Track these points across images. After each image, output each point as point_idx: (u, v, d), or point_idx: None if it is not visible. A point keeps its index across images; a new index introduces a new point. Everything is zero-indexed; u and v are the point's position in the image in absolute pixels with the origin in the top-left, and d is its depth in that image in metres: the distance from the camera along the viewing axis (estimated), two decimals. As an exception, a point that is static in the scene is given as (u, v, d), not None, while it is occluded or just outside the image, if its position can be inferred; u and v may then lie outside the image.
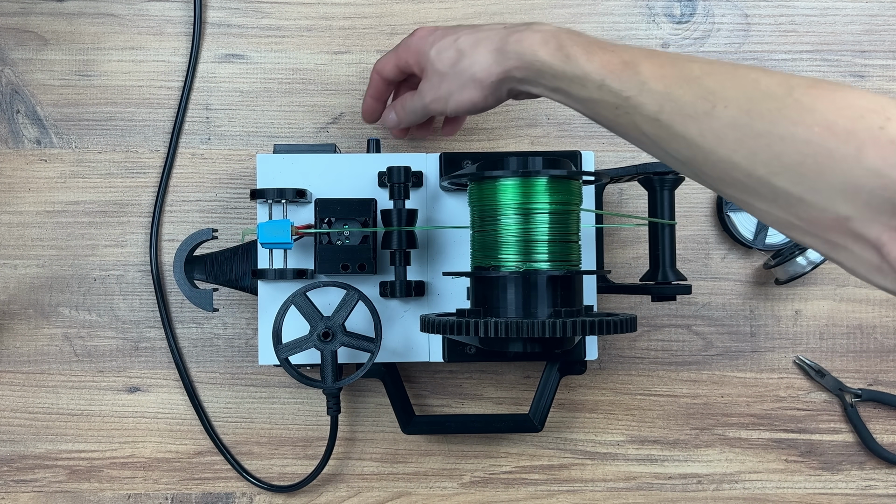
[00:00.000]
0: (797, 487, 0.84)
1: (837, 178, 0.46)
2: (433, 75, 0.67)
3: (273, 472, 0.84)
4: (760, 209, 0.51)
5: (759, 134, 0.49)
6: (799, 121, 0.47)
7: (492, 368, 0.84)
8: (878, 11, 0.86)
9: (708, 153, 0.51)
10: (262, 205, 0.75)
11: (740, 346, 0.85)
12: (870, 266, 0.48)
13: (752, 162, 0.49)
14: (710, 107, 0.51)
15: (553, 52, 0.59)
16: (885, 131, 0.45)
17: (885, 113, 0.46)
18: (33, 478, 0.83)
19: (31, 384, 0.84)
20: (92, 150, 0.84)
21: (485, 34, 0.64)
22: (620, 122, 0.57)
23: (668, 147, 0.54)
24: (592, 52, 0.57)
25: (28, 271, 0.84)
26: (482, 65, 0.63)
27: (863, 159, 0.45)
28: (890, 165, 0.45)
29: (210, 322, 0.84)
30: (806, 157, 0.47)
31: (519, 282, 0.65)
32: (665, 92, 0.53)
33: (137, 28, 0.85)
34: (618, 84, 0.55)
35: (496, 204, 0.66)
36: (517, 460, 0.84)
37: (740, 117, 0.50)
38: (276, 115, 0.85)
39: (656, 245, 0.74)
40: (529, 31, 0.61)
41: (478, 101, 0.65)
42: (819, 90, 0.48)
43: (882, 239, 0.47)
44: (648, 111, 0.54)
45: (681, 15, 0.86)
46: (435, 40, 0.67)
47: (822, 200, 0.47)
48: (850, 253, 0.49)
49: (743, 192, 0.51)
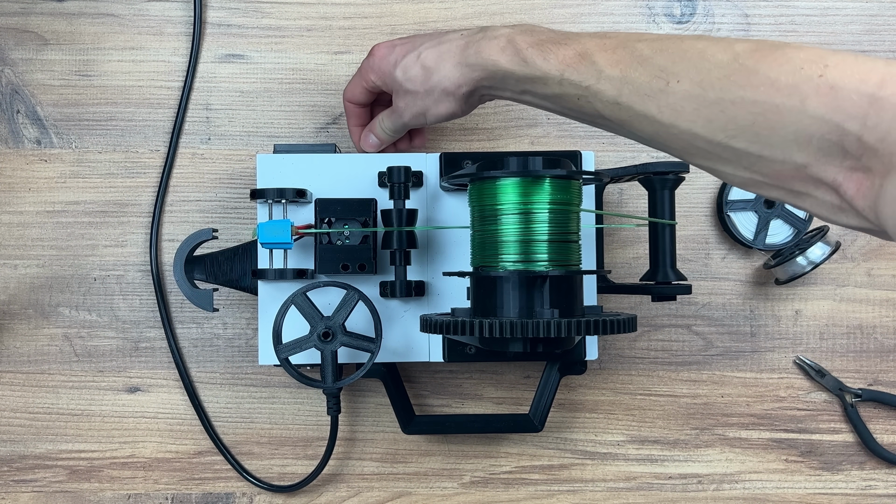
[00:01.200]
0: (797, 487, 0.84)
1: (788, 131, 0.49)
2: (405, 95, 0.69)
3: (273, 472, 0.84)
4: (726, 172, 0.54)
5: (712, 102, 0.51)
6: (746, 83, 0.50)
7: (492, 368, 0.84)
8: (878, 11, 0.86)
9: (669, 127, 0.54)
10: (262, 205, 0.75)
11: (740, 346, 0.85)
12: (832, 207, 0.51)
13: (710, 129, 0.52)
14: (665, 84, 0.53)
15: (511, 58, 0.62)
16: (825, 78, 0.47)
17: (823, 61, 0.48)
18: (33, 478, 0.83)
19: (31, 384, 0.84)
20: (92, 150, 0.84)
21: (445, 47, 0.66)
22: (585, 111, 0.59)
23: (631, 127, 0.57)
24: (547, 51, 0.60)
25: (28, 271, 0.84)
26: (451, 79, 0.66)
27: (807, 108, 0.48)
28: (832, 110, 0.47)
29: (210, 322, 0.84)
30: (757, 117, 0.49)
31: (519, 282, 0.65)
32: (621, 76, 0.56)
33: (137, 28, 0.85)
34: (576, 76, 0.58)
35: (496, 204, 0.66)
36: (517, 460, 0.84)
37: (693, 89, 0.52)
38: (276, 115, 0.85)
39: (656, 245, 0.74)
40: (486, 40, 0.64)
41: (455, 110, 0.68)
42: (761, 52, 0.50)
43: (838, 180, 0.49)
44: (608, 96, 0.56)
45: (681, 15, 0.86)
46: (397, 59, 0.69)
47: (778, 154, 0.50)
48: (813, 199, 0.51)
49: (707, 158, 0.54)
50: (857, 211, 0.49)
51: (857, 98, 0.46)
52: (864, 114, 0.46)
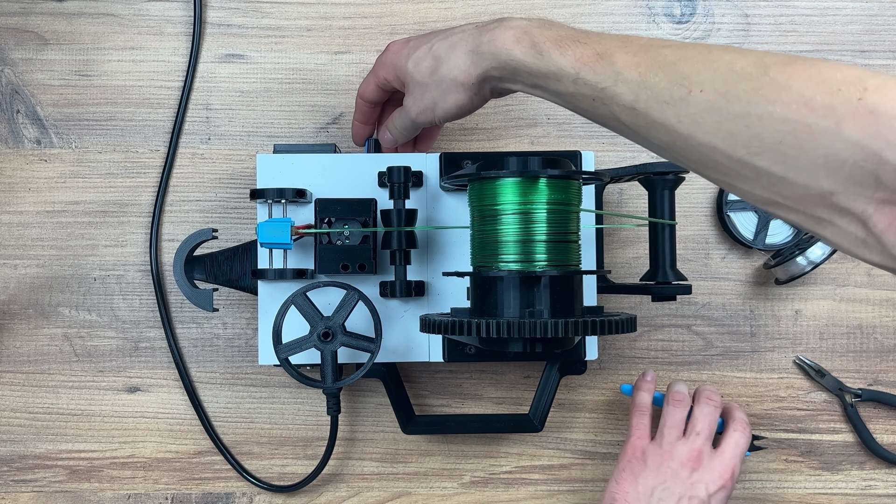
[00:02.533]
0: (797, 487, 0.84)
1: (819, 154, 0.46)
2: (415, 87, 0.67)
3: (273, 472, 0.84)
4: (743, 190, 0.51)
5: (737, 116, 0.48)
6: (776, 99, 0.47)
7: (492, 368, 0.84)
8: (878, 11, 0.86)
9: (687, 138, 0.51)
10: (262, 205, 0.75)
11: (740, 346, 0.85)
12: (855, 240, 0.48)
13: (732, 144, 0.49)
14: (686, 92, 0.51)
15: (526, 49, 0.59)
16: (864, 102, 0.44)
17: (862, 84, 0.45)
18: (33, 478, 0.83)
19: (31, 384, 0.84)
20: (92, 150, 0.84)
21: (458, 37, 0.64)
22: (599, 113, 0.57)
23: (647, 134, 0.54)
24: (565, 46, 0.57)
25: (28, 271, 0.84)
26: (461, 68, 0.63)
27: (843, 132, 0.45)
28: (870, 136, 0.44)
29: (210, 322, 0.84)
30: (785, 136, 0.47)
31: (519, 282, 0.65)
32: (640, 80, 0.53)
33: (137, 28, 0.85)
34: (593, 76, 0.55)
35: (496, 204, 0.66)
36: (517, 460, 0.84)
37: (717, 100, 0.49)
38: (276, 115, 0.85)
39: (656, 245, 0.74)
40: (501, 29, 0.61)
41: (464, 103, 0.66)
42: (794, 67, 0.48)
43: (868, 212, 0.46)
44: (625, 100, 0.54)
45: (681, 15, 0.86)
46: (410, 52, 0.67)
47: (804, 177, 0.47)
48: (835, 228, 0.48)
49: (724, 174, 0.51)
50: (885, 246, 0.46)
51: None
52: None
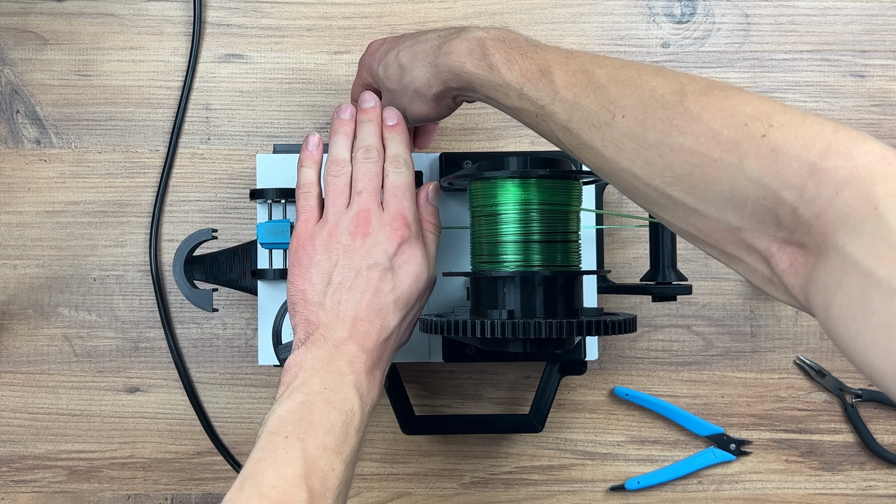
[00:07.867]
0: (797, 487, 0.84)
1: (724, 189, 0.45)
2: (386, 92, 0.68)
3: (273, 472, 0.83)
4: (664, 219, 0.51)
5: (652, 144, 0.48)
6: (687, 130, 0.46)
7: (492, 368, 0.84)
8: (878, 11, 0.86)
9: (611, 162, 0.51)
10: (261, 205, 0.75)
11: (740, 347, 0.85)
12: (762, 277, 0.47)
13: (649, 172, 0.48)
14: (611, 116, 0.50)
15: (478, 62, 0.59)
16: (767, 139, 0.43)
17: (769, 120, 0.44)
18: (33, 478, 0.83)
19: (31, 384, 0.84)
20: (92, 150, 0.84)
21: (420, 47, 0.64)
22: (542, 129, 0.57)
23: (580, 155, 0.54)
24: (513, 60, 0.57)
25: (28, 271, 0.84)
26: (422, 80, 0.64)
27: (745, 169, 0.44)
28: (770, 174, 0.43)
29: (210, 322, 0.84)
30: (694, 168, 0.46)
31: (519, 282, 0.65)
32: (574, 101, 0.53)
33: (137, 28, 0.85)
34: (534, 93, 0.55)
35: (496, 204, 0.66)
36: (517, 460, 0.84)
37: (635, 127, 0.49)
38: (276, 115, 0.85)
39: (656, 245, 0.74)
40: (458, 41, 0.61)
41: (430, 112, 0.66)
42: (709, 97, 0.47)
43: (771, 250, 0.45)
44: (560, 120, 0.54)
45: (681, 15, 0.86)
46: (381, 57, 0.68)
47: (713, 211, 0.46)
48: (745, 264, 0.48)
49: (645, 201, 0.51)
50: (786, 287, 0.45)
51: (797, 166, 0.42)
52: (802, 184, 0.42)
